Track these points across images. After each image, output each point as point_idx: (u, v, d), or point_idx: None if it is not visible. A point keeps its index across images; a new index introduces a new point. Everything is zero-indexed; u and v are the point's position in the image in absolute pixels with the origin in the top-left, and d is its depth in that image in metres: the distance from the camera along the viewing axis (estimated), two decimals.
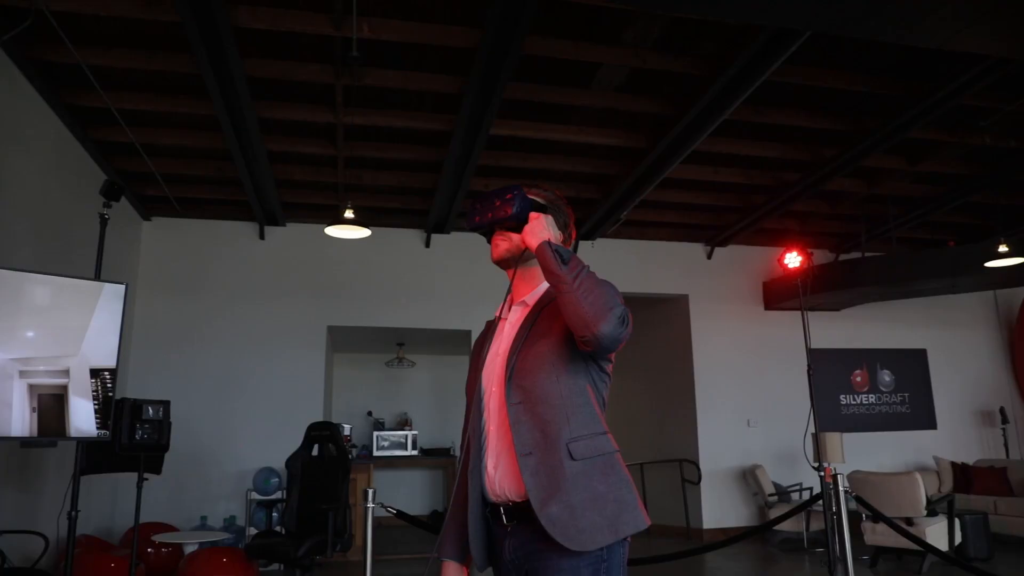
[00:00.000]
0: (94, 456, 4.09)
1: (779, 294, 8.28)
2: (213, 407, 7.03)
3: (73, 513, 3.25)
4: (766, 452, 8.00)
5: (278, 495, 6.65)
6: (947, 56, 4.77)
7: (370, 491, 3.31)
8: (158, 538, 5.43)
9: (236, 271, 7.45)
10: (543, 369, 1.63)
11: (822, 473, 3.65)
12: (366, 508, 3.26)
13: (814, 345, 8.45)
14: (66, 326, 3.01)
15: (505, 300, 1.85)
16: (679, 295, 8.48)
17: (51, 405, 2.83)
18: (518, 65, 4.76)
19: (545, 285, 1.78)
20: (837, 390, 8.55)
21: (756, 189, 7.16)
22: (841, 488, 3.65)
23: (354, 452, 8.11)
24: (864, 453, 7.99)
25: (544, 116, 5.74)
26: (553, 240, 1.68)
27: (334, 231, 5.53)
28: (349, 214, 5.22)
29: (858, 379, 8.63)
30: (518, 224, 1.75)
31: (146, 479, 4.14)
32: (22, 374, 2.81)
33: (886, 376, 8.70)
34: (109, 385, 3.11)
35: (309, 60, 4.86)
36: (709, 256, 8.56)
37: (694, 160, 6.29)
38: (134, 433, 4.01)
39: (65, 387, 2.88)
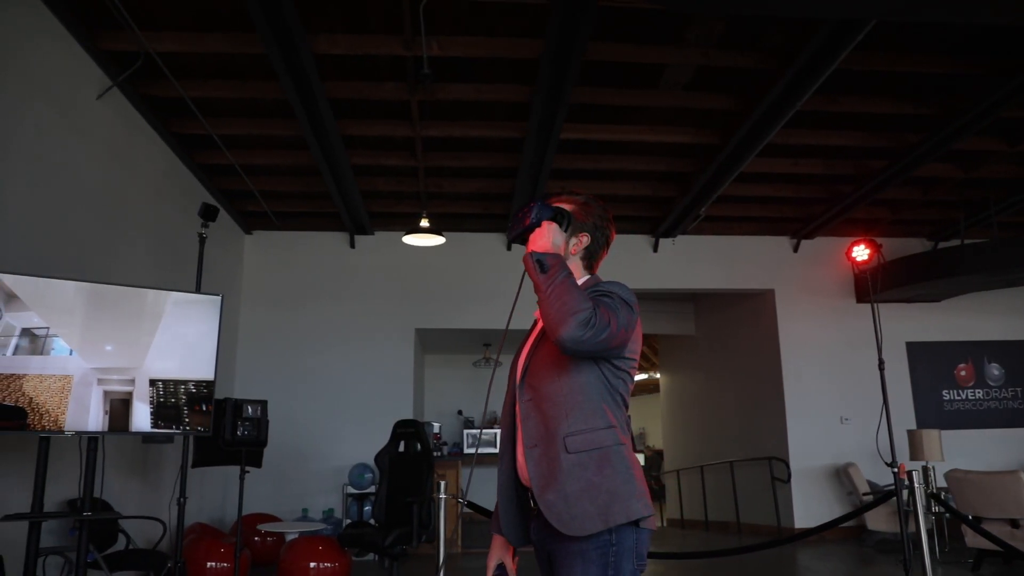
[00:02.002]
0: (202, 451, 4.54)
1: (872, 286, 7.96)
2: (311, 406, 7.52)
3: (182, 500, 3.66)
4: (862, 450, 7.71)
5: (372, 489, 7.04)
6: None
7: (442, 483, 3.53)
8: (263, 527, 5.91)
9: (330, 278, 7.93)
10: (548, 369, 1.79)
11: (895, 469, 3.57)
12: (438, 499, 3.48)
13: (913, 338, 8.18)
14: (166, 334, 3.40)
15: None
16: (765, 290, 8.33)
17: (120, 410, 3.23)
18: (584, 71, 4.89)
19: None
20: (939, 385, 8.14)
21: (840, 179, 6.96)
22: (917, 485, 3.57)
23: (444, 450, 8.43)
24: (970, 452, 7.58)
25: (614, 118, 5.83)
26: (551, 248, 1.81)
27: (411, 239, 5.82)
28: (424, 223, 5.49)
29: (963, 373, 8.18)
30: None
31: (248, 472, 4.55)
32: (100, 381, 3.23)
33: (994, 370, 8.20)
34: (204, 388, 3.47)
35: (385, 79, 5.16)
36: (795, 249, 8.35)
37: (771, 153, 6.20)
38: (236, 430, 4.42)
39: (131, 393, 3.28)
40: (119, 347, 3.31)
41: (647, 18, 4.57)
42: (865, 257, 5.38)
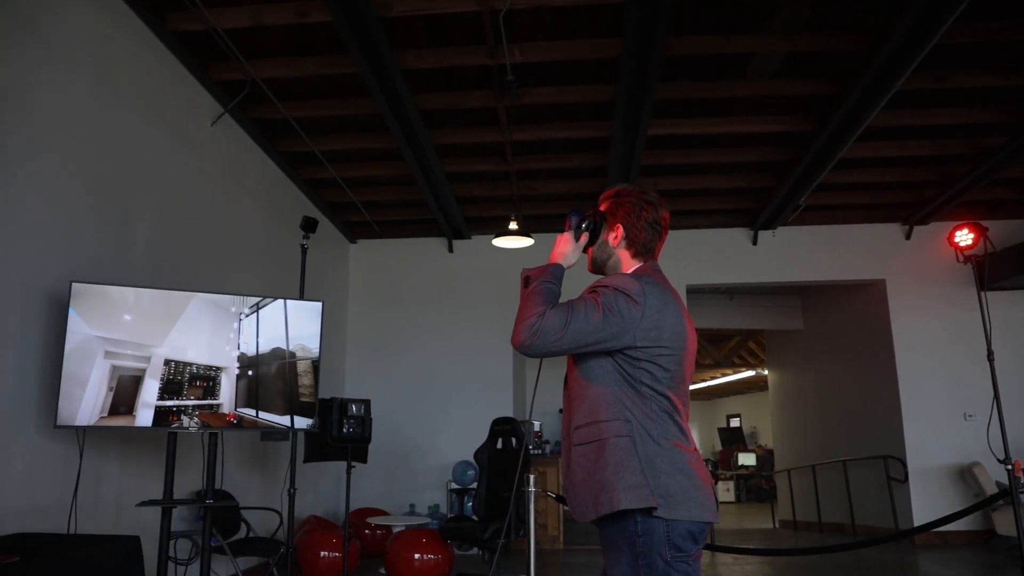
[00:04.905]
0: (312, 447, 4.87)
1: (996, 272, 7.39)
2: (416, 405, 7.83)
3: (292, 491, 3.97)
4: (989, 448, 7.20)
5: (475, 485, 7.25)
6: None
7: (531, 477, 3.63)
8: (372, 520, 6.23)
9: (430, 282, 8.23)
10: (572, 368, 1.91)
11: (1010, 467, 3.36)
12: (528, 492, 3.58)
13: None
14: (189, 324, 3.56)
15: None
16: (874, 280, 7.92)
17: (129, 388, 3.34)
18: (668, 66, 4.88)
19: None
20: None
21: (954, 159, 6.55)
22: None
23: (546, 448, 8.53)
24: None
25: (702, 111, 5.75)
26: (556, 257, 1.97)
27: (501, 242, 5.97)
28: (513, 225, 5.62)
29: None
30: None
31: (354, 467, 4.84)
32: (107, 354, 3.32)
33: None
34: (211, 371, 3.65)
35: (471, 88, 5.34)
36: (908, 236, 7.89)
37: (873, 137, 5.93)
38: (342, 427, 4.72)
39: (144, 370, 3.41)
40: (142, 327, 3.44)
41: (729, 8, 4.51)
42: (969, 242, 5.01)
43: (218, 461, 3.55)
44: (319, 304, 3.93)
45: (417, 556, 5.16)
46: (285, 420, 3.65)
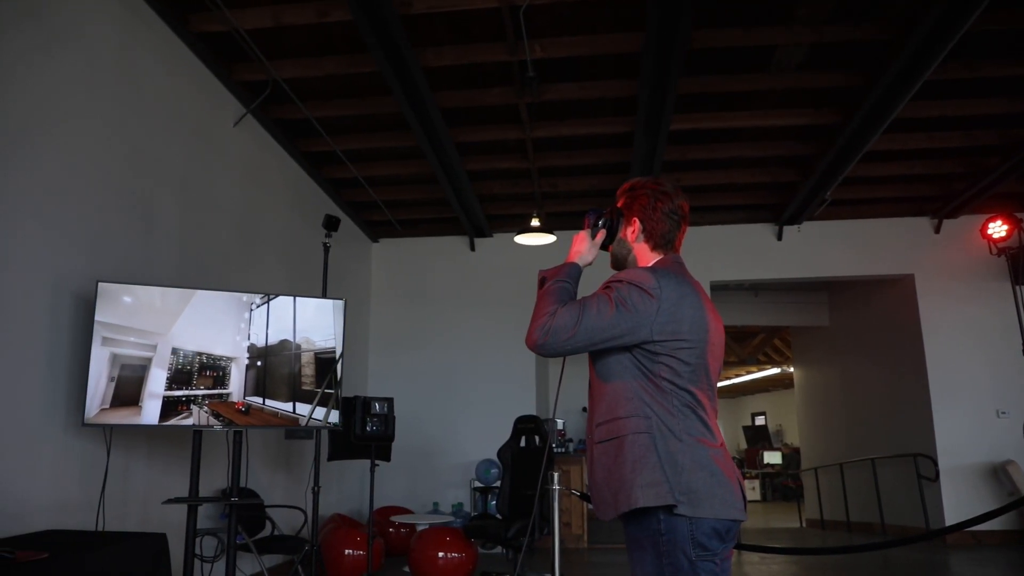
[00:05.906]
0: (336, 445, 4.88)
1: None
2: (439, 403, 7.83)
3: (316, 489, 3.98)
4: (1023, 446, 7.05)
5: (498, 484, 7.23)
6: None
7: (555, 474, 3.60)
8: (396, 519, 6.25)
9: (452, 281, 8.23)
10: (592, 366, 1.88)
11: None
12: (552, 490, 3.56)
13: None
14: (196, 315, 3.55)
15: None
16: (903, 275, 7.78)
17: (132, 379, 3.28)
18: (690, 60, 4.82)
19: None
20: None
21: (985, 151, 6.41)
22: None
23: (570, 446, 8.50)
24: None
25: (725, 105, 5.68)
26: (572, 256, 1.98)
27: (523, 239, 5.95)
28: (535, 222, 5.60)
29: None
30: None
31: (378, 465, 4.84)
32: (105, 341, 3.27)
33: None
34: (221, 360, 3.62)
35: (492, 85, 5.31)
36: (937, 230, 7.74)
37: (901, 128, 5.83)
38: (365, 425, 4.73)
39: (150, 359, 3.36)
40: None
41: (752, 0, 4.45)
42: (1003, 234, 4.89)
43: (243, 459, 3.57)
44: (341, 302, 3.93)
45: (441, 554, 5.16)
46: (288, 407, 3.67)
